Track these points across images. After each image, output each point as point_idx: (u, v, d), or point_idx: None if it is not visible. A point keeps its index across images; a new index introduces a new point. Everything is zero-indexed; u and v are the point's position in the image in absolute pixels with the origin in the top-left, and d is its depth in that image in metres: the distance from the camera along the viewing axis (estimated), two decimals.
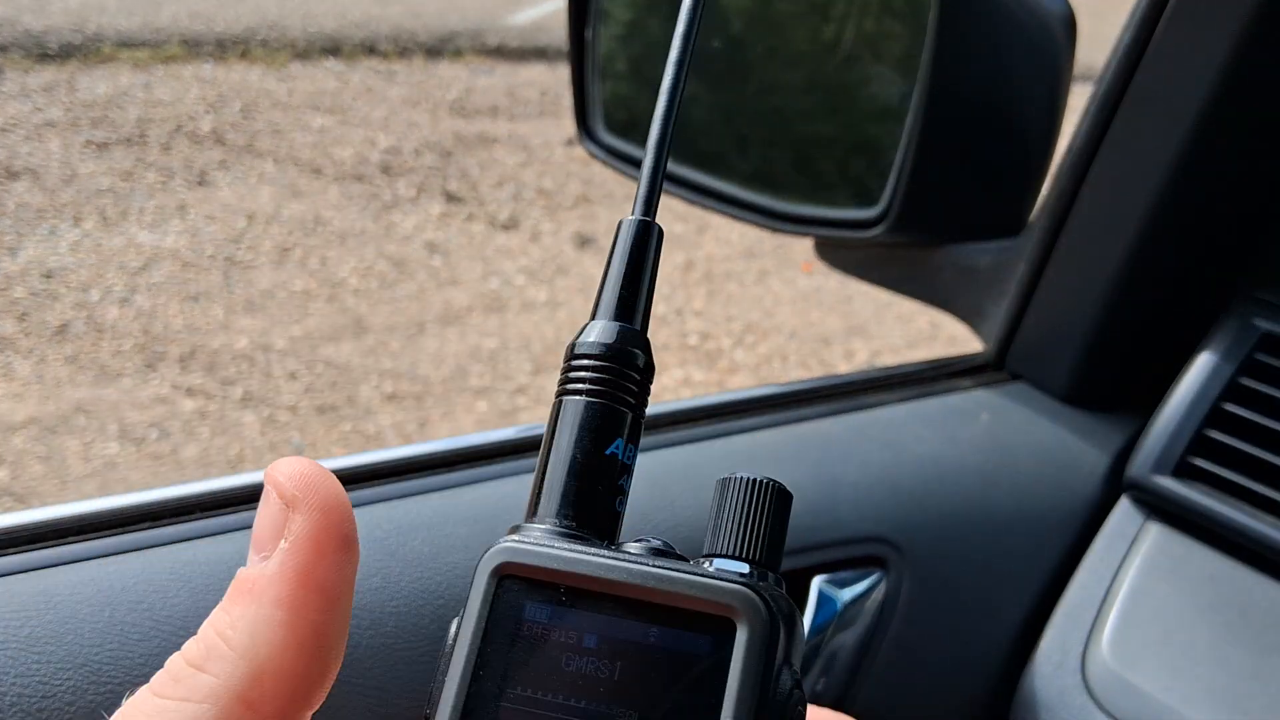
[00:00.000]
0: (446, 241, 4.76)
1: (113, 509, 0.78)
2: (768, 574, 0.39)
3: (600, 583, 0.38)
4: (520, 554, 0.38)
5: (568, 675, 0.37)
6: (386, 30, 7.24)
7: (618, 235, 0.44)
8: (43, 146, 5.11)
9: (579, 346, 0.42)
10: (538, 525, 0.40)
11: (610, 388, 0.41)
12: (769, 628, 0.36)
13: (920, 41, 1.01)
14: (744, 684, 0.36)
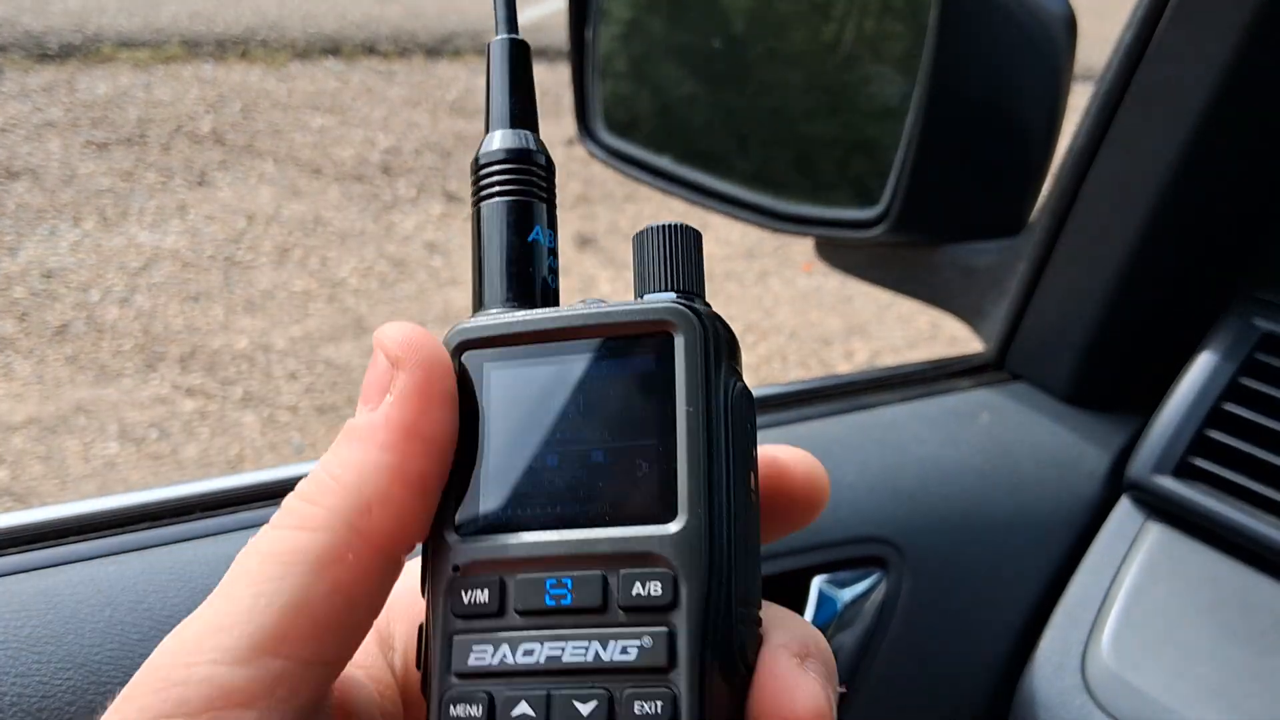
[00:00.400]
0: (447, 241, 4.75)
1: (113, 509, 0.78)
2: (695, 297, 0.43)
3: (546, 333, 0.42)
4: (473, 330, 0.43)
5: (538, 417, 0.41)
6: (386, 30, 7.24)
7: (490, 55, 0.48)
8: (43, 147, 5.11)
9: (483, 157, 0.46)
10: (484, 312, 0.45)
11: (521, 184, 0.46)
12: (703, 330, 0.41)
13: (920, 41, 1.01)
14: (690, 379, 0.40)
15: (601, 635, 0.39)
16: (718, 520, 0.39)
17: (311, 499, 0.42)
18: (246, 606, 0.40)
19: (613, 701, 0.39)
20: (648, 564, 0.39)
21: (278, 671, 0.39)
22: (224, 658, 0.39)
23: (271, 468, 0.85)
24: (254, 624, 0.39)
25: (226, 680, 0.38)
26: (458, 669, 0.41)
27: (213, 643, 0.39)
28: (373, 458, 0.41)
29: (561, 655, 0.40)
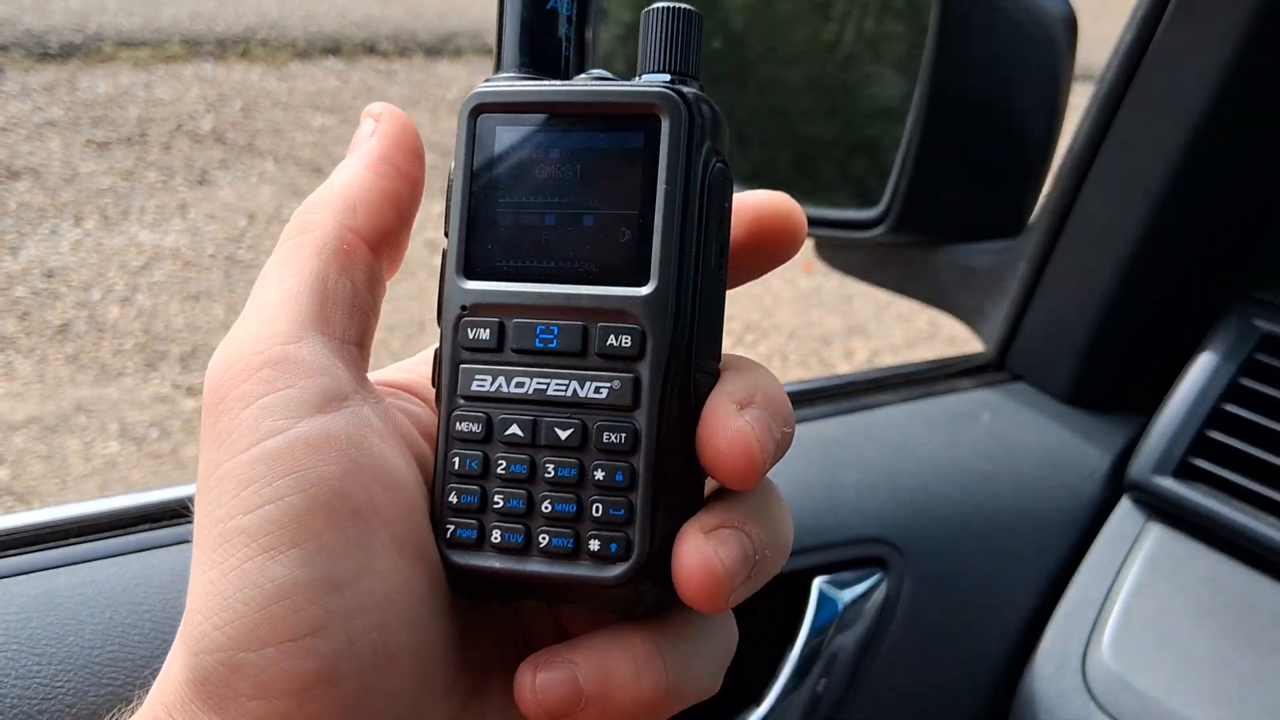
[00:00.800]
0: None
1: (114, 510, 0.78)
2: (689, 80, 0.47)
3: (551, 104, 0.47)
4: (488, 94, 0.48)
5: (539, 180, 0.47)
6: (387, 30, 7.24)
7: None
8: (44, 146, 5.11)
9: None
10: (501, 74, 0.50)
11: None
12: (688, 116, 0.45)
13: (920, 41, 1.01)
14: (671, 160, 0.45)
15: (579, 376, 0.46)
16: (684, 286, 0.45)
17: (309, 208, 0.49)
18: (280, 297, 0.46)
19: (586, 430, 0.46)
20: (621, 320, 0.46)
21: (325, 345, 0.45)
22: (284, 339, 0.45)
23: None
24: (293, 308, 0.45)
25: (293, 355, 0.44)
26: (463, 392, 0.48)
27: (269, 330, 0.45)
28: (356, 173, 0.49)
29: (546, 389, 0.46)
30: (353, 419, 0.44)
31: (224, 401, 0.44)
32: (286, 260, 0.47)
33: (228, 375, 0.44)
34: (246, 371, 0.44)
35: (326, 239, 0.47)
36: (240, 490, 0.42)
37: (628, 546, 0.45)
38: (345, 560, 0.42)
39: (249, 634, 0.41)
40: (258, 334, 0.45)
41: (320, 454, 0.42)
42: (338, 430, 0.43)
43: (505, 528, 0.46)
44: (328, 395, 0.44)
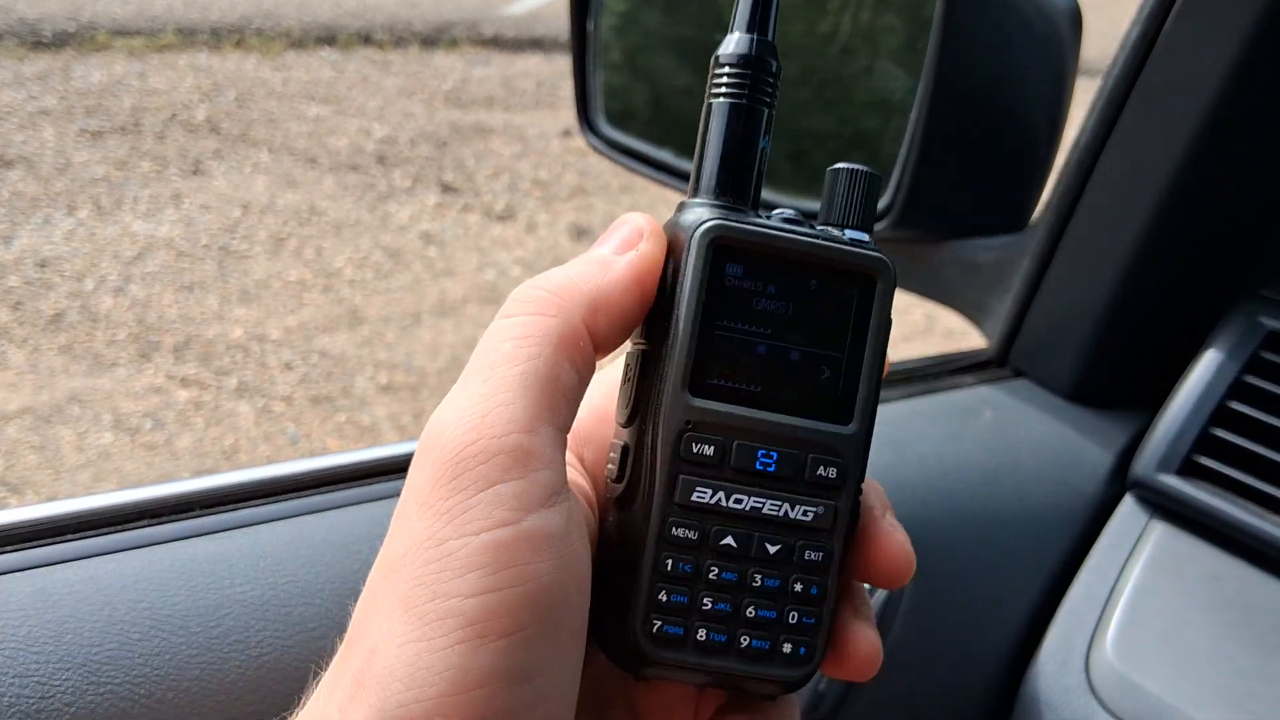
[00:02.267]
0: (442, 232, 4.75)
1: (112, 506, 0.77)
2: (872, 237, 0.54)
3: (786, 252, 0.52)
4: (728, 231, 0.51)
5: (764, 314, 0.52)
6: (382, 20, 7.22)
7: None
8: (37, 135, 5.09)
9: (723, 57, 0.54)
10: (704, 202, 0.53)
11: (751, 90, 0.53)
12: (894, 284, 0.52)
13: (918, 34, 1.01)
14: (879, 318, 0.52)
15: (791, 499, 0.51)
16: (870, 428, 0.52)
17: (552, 290, 0.51)
18: (519, 380, 0.48)
19: (791, 547, 0.51)
20: (829, 453, 0.51)
21: (552, 437, 0.48)
22: (518, 427, 0.47)
23: (272, 464, 0.85)
24: (529, 396, 0.47)
25: (528, 445, 0.46)
26: (680, 500, 0.51)
27: (508, 415, 0.47)
28: (609, 280, 0.51)
29: (762, 508, 0.51)
30: (565, 516, 0.47)
31: (460, 478, 0.46)
32: (525, 337, 0.49)
33: (469, 452, 0.46)
34: (486, 454, 0.46)
35: (566, 331, 0.49)
36: (465, 573, 0.44)
37: (813, 650, 0.52)
38: (541, 652, 0.45)
39: (447, 713, 0.43)
40: (499, 416, 0.47)
41: (539, 551, 0.45)
42: (555, 527, 0.46)
43: (711, 628, 0.51)
44: (551, 489, 0.47)
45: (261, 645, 0.72)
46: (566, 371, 0.49)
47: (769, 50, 0.53)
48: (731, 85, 0.53)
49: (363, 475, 0.86)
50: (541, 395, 0.48)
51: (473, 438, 0.46)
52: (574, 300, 0.50)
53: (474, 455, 0.46)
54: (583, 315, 0.50)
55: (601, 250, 0.53)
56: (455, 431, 0.47)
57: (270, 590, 0.74)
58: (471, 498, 0.45)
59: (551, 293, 0.50)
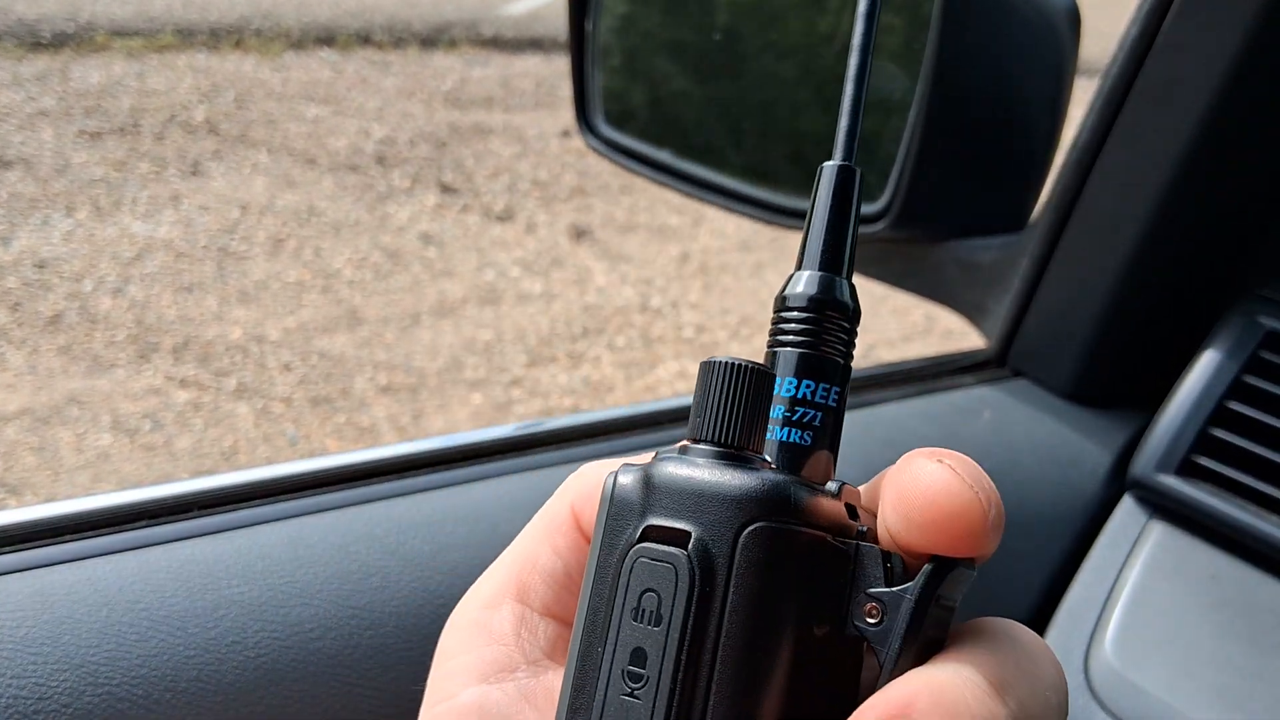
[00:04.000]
0: (441, 233, 4.75)
1: (109, 507, 0.77)
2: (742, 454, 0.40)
3: None
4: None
5: None
6: (381, 20, 7.22)
7: (818, 182, 0.45)
8: (36, 136, 5.09)
9: (789, 299, 0.43)
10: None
11: (815, 338, 0.42)
12: (606, 495, 0.40)
13: (916, 34, 1.01)
14: (593, 546, 0.40)
15: None
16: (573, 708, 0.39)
17: (564, 480, 0.49)
18: (501, 561, 0.48)
19: None
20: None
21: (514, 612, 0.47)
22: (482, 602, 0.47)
23: (270, 465, 0.85)
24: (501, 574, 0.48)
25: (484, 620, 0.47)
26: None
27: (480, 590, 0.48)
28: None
29: None
30: (513, 692, 0.45)
31: (440, 652, 0.47)
32: (536, 518, 0.49)
33: (449, 626, 0.48)
34: (456, 628, 0.47)
35: (553, 514, 0.48)
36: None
37: None
38: None
39: None
40: (476, 592, 0.48)
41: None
42: (492, 703, 0.45)
43: None
44: (499, 665, 0.46)
45: (259, 646, 0.72)
46: (546, 555, 0.47)
47: (841, 289, 0.43)
48: (787, 331, 0.43)
49: (361, 476, 0.86)
50: (515, 574, 0.47)
51: (462, 611, 0.48)
52: (570, 486, 0.48)
53: (450, 630, 0.47)
54: (571, 501, 0.48)
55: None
56: (464, 600, 0.49)
57: (268, 591, 0.74)
58: (436, 671, 0.47)
59: (564, 480, 0.49)
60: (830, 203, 0.44)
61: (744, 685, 0.37)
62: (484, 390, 3.71)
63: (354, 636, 0.75)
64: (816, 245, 0.44)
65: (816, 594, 0.38)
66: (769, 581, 0.37)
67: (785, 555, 0.37)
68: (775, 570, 0.37)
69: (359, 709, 0.74)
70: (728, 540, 0.37)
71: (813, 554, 0.38)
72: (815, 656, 0.38)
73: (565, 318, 4.19)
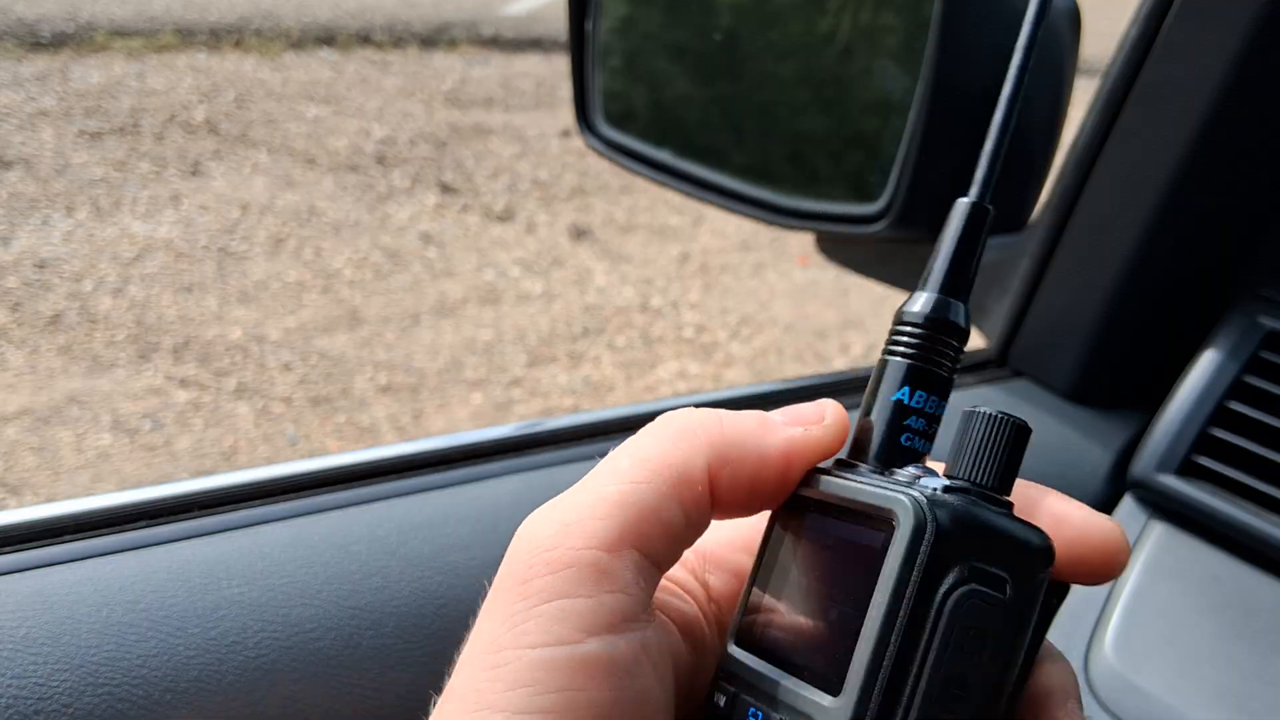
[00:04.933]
0: (441, 233, 4.75)
1: (109, 507, 0.77)
2: (998, 496, 0.44)
3: (818, 494, 0.47)
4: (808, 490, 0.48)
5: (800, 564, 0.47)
6: (381, 20, 7.22)
7: (952, 214, 0.51)
8: (36, 136, 5.09)
9: (906, 314, 0.49)
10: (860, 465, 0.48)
11: (924, 352, 0.48)
12: (931, 532, 0.41)
13: (917, 34, 1.01)
14: (892, 576, 0.41)
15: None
16: (873, 706, 0.41)
17: (695, 424, 0.48)
18: (615, 499, 0.46)
19: None
20: (790, 715, 0.44)
21: (635, 562, 0.45)
22: (600, 544, 0.45)
23: (271, 465, 0.85)
24: (621, 517, 0.45)
25: (605, 565, 0.44)
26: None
27: (590, 529, 0.45)
28: (755, 437, 0.48)
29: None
30: (635, 646, 0.45)
31: (529, 583, 0.45)
32: (644, 460, 0.47)
33: (544, 559, 0.45)
34: (559, 564, 0.45)
35: (689, 468, 0.47)
36: (514, 687, 0.43)
37: None
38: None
39: None
40: (583, 529, 0.46)
41: (594, 679, 0.43)
42: (620, 656, 0.44)
43: None
44: (623, 615, 0.45)
45: (259, 646, 0.72)
46: (672, 508, 0.46)
47: (954, 312, 0.48)
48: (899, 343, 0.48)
49: (361, 476, 0.86)
50: (637, 521, 0.46)
51: (551, 544, 0.45)
52: (708, 441, 0.48)
53: (547, 563, 0.45)
54: (709, 459, 0.47)
55: (776, 415, 0.50)
56: (539, 535, 0.46)
57: (268, 591, 0.74)
58: (535, 607, 0.44)
59: (692, 427, 0.48)
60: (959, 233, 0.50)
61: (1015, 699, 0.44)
62: (484, 390, 3.71)
63: (355, 636, 0.75)
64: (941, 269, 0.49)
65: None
66: (1044, 623, 0.44)
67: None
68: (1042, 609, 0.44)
69: (360, 709, 0.74)
70: (1030, 587, 0.43)
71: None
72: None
73: (565, 318, 4.20)
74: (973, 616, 0.42)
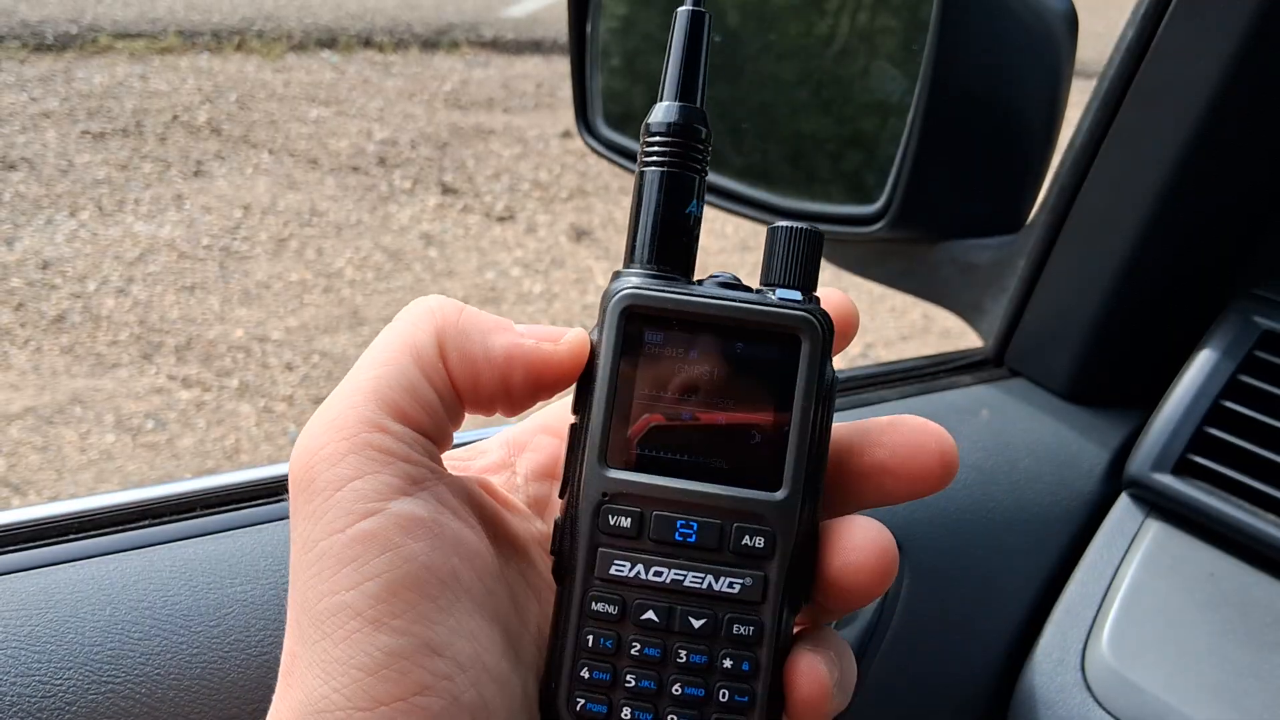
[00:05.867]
0: (442, 233, 4.75)
1: (113, 506, 0.78)
2: (814, 298, 0.52)
3: (702, 316, 0.51)
4: (642, 299, 0.51)
5: (682, 381, 0.51)
6: (383, 22, 7.22)
7: (674, 25, 0.53)
8: (39, 137, 5.10)
9: (652, 126, 0.53)
10: (636, 271, 0.53)
11: (681, 158, 0.52)
12: (822, 339, 0.50)
13: (914, 35, 1.01)
14: (807, 378, 0.50)
15: (714, 570, 0.49)
16: (808, 494, 0.50)
17: (433, 309, 0.52)
18: (369, 389, 0.50)
19: (717, 620, 0.49)
20: (755, 521, 0.49)
21: (403, 434, 0.49)
22: (368, 426, 0.49)
23: (273, 464, 0.85)
24: (377, 399, 0.49)
25: (378, 442, 0.49)
26: (600, 574, 0.50)
27: (355, 416, 0.49)
28: (492, 336, 0.52)
29: (684, 580, 0.49)
30: (433, 499, 0.49)
31: (315, 482, 0.48)
32: (389, 342, 0.51)
33: (321, 455, 0.48)
34: (337, 455, 0.48)
35: (422, 346, 0.51)
36: (340, 568, 0.46)
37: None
38: (438, 626, 0.47)
39: (364, 694, 0.45)
40: (349, 418, 0.49)
41: (409, 533, 0.47)
42: (423, 511, 0.48)
43: (636, 705, 0.50)
44: (411, 479, 0.48)
45: (262, 644, 0.73)
46: (420, 383, 0.50)
47: (698, 117, 0.53)
48: (661, 153, 0.53)
49: None
50: (393, 399, 0.49)
51: (323, 442, 0.48)
52: (442, 325, 0.51)
53: (326, 458, 0.48)
54: (439, 341, 0.51)
55: (519, 326, 0.54)
56: (311, 439, 0.49)
57: (271, 589, 0.75)
58: (330, 497, 0.47)
59: (432, 308, 0.52)
60: (685, 41, 0.53)
61: None
62: None
63: None
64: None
65: None
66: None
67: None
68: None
69: None
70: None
71: None
72: None
73: (566, 317, 4.20)
74: (833, 389, 0.51)
